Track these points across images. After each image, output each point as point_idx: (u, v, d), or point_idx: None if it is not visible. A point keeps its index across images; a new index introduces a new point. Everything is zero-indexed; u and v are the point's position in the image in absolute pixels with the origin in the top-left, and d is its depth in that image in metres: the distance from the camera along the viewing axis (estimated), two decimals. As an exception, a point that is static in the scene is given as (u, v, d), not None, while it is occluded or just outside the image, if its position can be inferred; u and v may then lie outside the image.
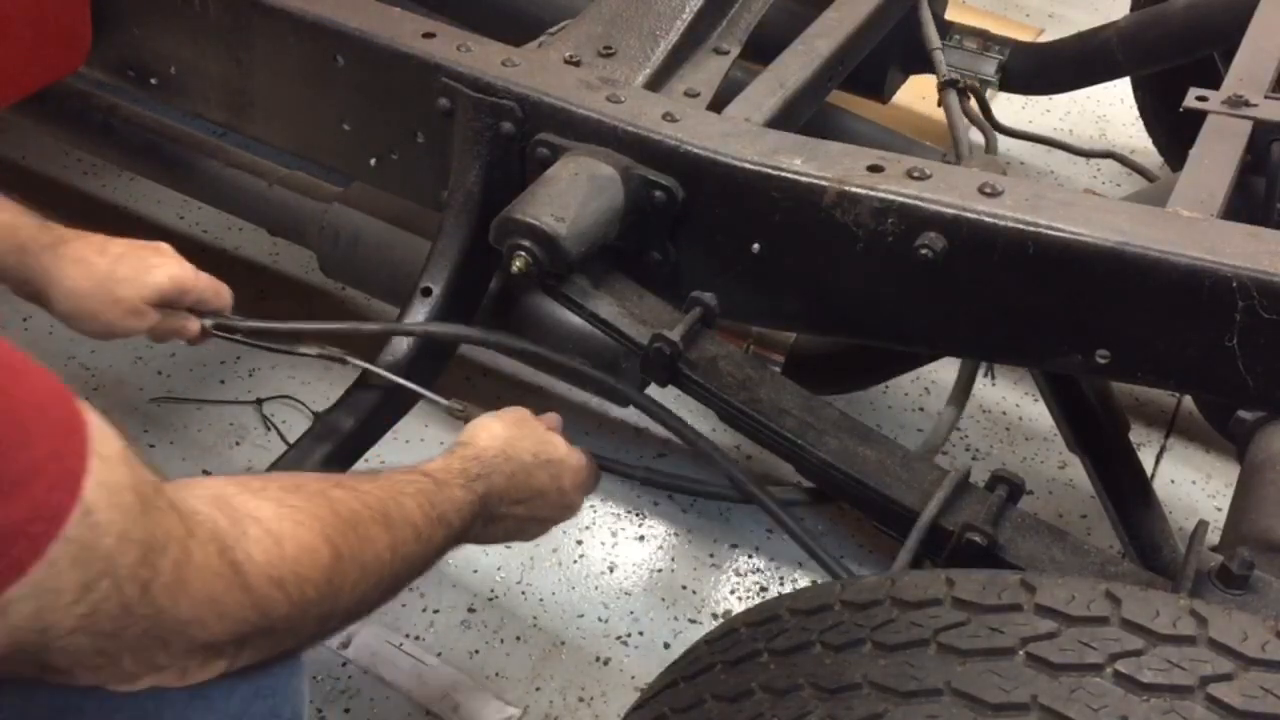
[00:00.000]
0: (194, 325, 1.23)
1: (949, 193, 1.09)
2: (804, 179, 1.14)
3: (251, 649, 0.78)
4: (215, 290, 1.24)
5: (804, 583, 1.73)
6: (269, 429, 1.90)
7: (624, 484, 1.84)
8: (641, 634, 1.65)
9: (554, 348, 1.33)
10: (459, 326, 1.32)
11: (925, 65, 1.88)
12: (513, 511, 1.10)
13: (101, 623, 0.65)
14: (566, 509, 1.19)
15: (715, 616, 1.68)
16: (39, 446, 0.60)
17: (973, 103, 1.82)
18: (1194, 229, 1.03)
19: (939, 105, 1.81)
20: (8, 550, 0.58)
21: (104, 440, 0.64)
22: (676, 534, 1.79)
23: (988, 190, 1.09)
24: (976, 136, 1.78)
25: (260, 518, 0.77)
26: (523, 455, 1.10)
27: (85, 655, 0.67)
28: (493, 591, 1.69)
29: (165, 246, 1.21)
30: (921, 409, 2.01)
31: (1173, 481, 1.92)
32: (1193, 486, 1.91)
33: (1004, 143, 2.03)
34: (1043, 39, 2.47)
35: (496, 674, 1.59)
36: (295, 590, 0.78)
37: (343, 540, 0.82)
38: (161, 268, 1.18)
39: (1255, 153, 1.29)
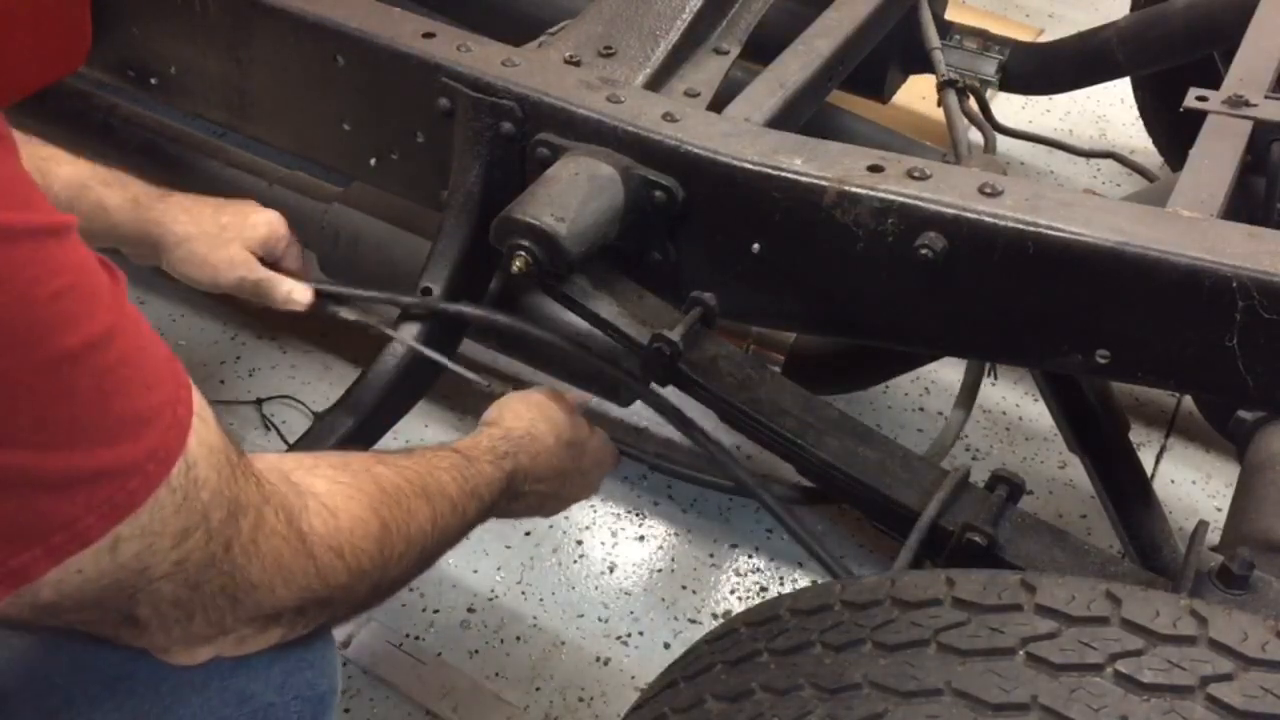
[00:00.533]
0: (303, 293, 1.28)
1: (949, 193, 1.09)
2: (804, 179, 1.14)
3: (308, 617, 0.83)
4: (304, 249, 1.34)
5: (804, 583, 1.73)
6: (269, 429, 1.90)
7: (624, 483, 1.84)
8: (641, 634, 1.65)
9: (554, 348, 1.34)
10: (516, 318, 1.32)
11: (925, 65, 1.88)
12: (535, 489, 1.15)
13: (190, 572, 0.69)
14: (586, 487, 1.26)
15: (715, 616, 1.68)
16: (161, 392, 0.66)
17: (972, 102, 1.82)
18: (1194, 229, 1.03)
19: (939, 105, 1.81)
20: (126, 484, 0.62)
21: (202, 405, 0.70)
22: (676, 534, 1.79)
23: (988, 190, 1.09)
24: (976, 136, 1.79)
25: (316, 492, 0.83)
26: (545, 437, 1.16)
27: (167, 605, 0.71)
28: (493, 591, 1.69)
29: (254, 202, 1.30)
30: (921, 409, 2.01)
31: (1173, 481, 1.92)
32: (1193, 486, 1.91)
33: (1004, 143, 2.03)
34: (1043, 39, 2.47)
35: (496, 674, 1.59)
36: (353, 559, 0.83)
37: (389, 513, 0.88)
38: (261, 214, 1.27)
39: (1255, 153, 1.29)
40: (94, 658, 0.79)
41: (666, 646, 1.64)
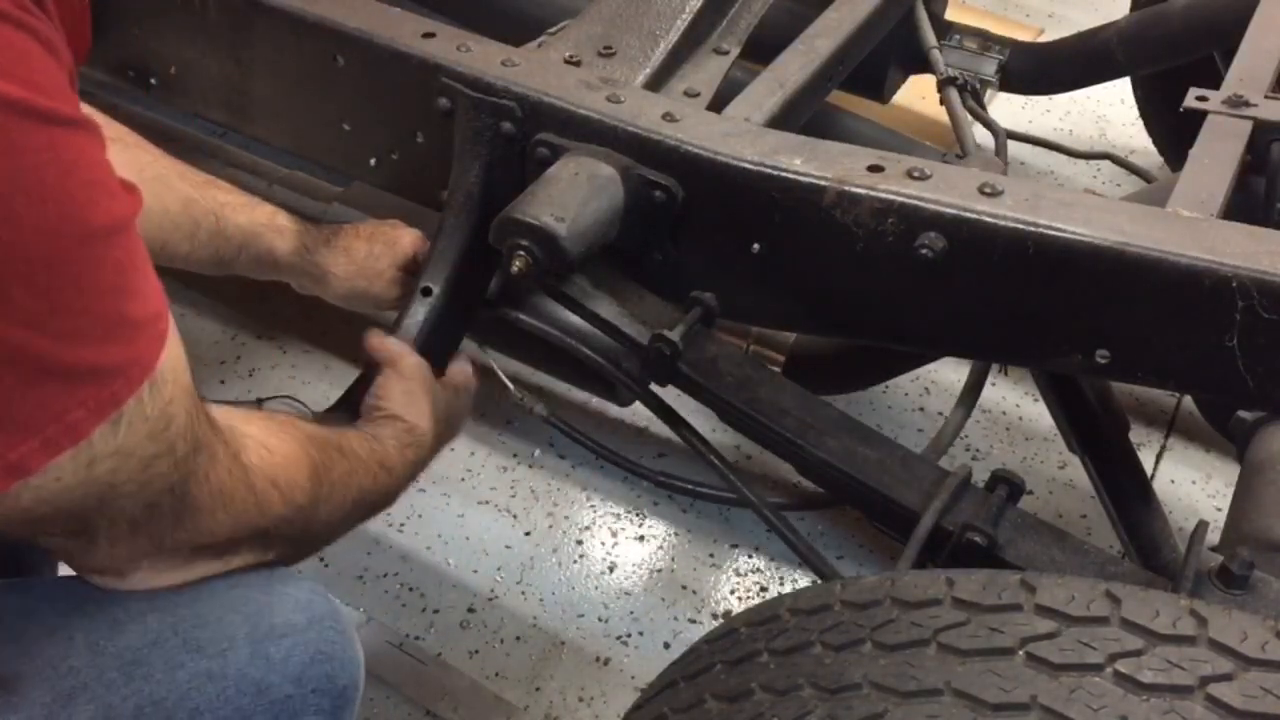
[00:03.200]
0: None
1: (949, 193, 1.09)
2: (804, 179, 1.14)
3: (242, 551, 0.89)
4: None
5: (804, 583, 1.73)
6: (269, 429, 1.90)
7: (624, 483, 1.84)
8: (641, 634, 1.65)
9: (554, 348, 1.34)
10: None
11: (925, 65, 1.88)
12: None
13: (149, 494, 0.74)
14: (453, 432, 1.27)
15: (715, 616, 1.68)
16: (151, 304, 0.70)
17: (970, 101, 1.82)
18: (1194, 229, 1.03)
19: (940, 104, 1.81)
20: (111, 383, 0.67)
21: (176, 339, 0.73)
22: (676, 534, 1.79)
23: (988, 190, 1.09)
24: (982, 135, 1.78)
25: (251, 433, 0.89)
26: (424, 431, 1.17)
27: (123, 521, 0.76)
28: (493, 591, 1.69)
29: (399, 221, 1.39)
30: (921, 409, 2.01)
31: (1173, 481, 1.91)
32: (1193, 486, 1.91)
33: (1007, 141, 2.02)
34: (1043, 39, 2.47)
35: (496, 674, 1.59)
36: (287, 491, 0.89)
37: (317, 454, 0.95)
38: (405, 234, 1.36)
39: (1255, 153, 1.29)
40: (109, 642, 0.82)
41: (666, 646, 1.64)
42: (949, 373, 2.03)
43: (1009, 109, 2.67)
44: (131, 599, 0.84)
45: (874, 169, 1.13)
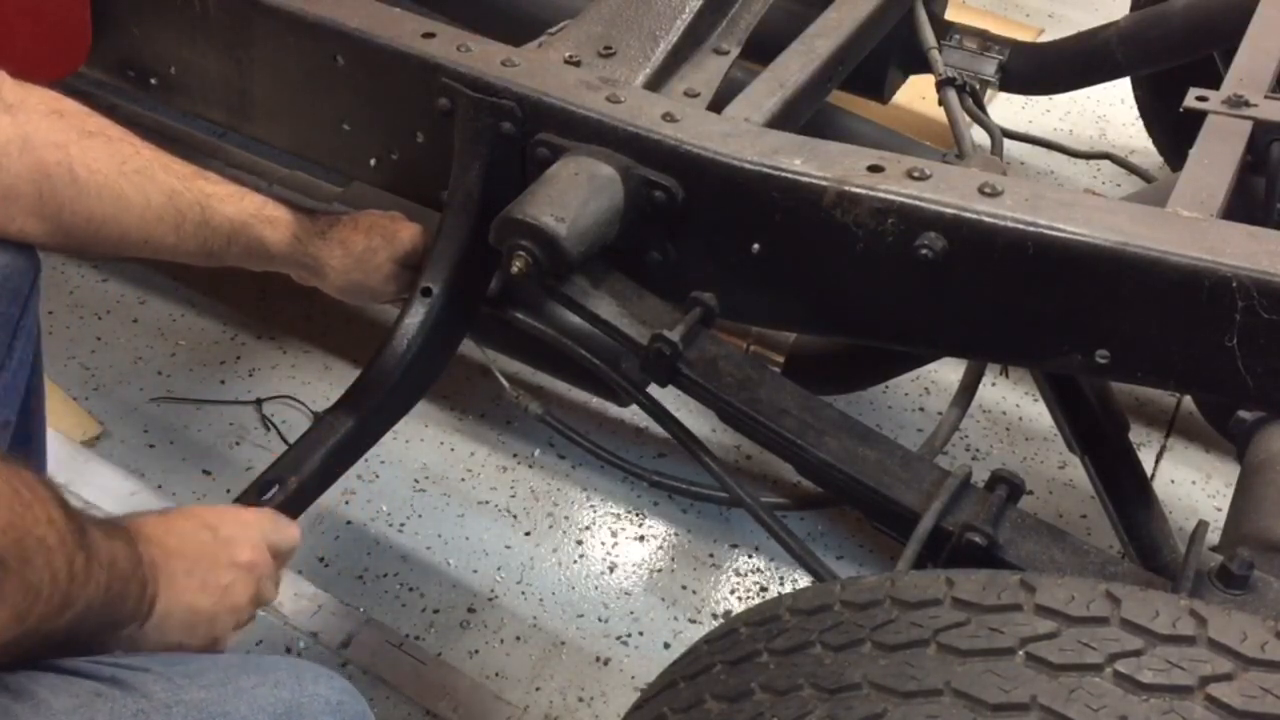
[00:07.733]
0: None
1: (949, 193, 1.09)
2: (804, 179, 1.14)
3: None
4: None
5: (804, 583, 1.73)
6: (269, 429, 1.90)
7: (624, 483, 1.84)
8: (641, 634, 1.65)
9: (552, 349, 1.34)
10: None
11: (925, 65, 1.88)
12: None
13: None
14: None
15: (715, 616, 1.68)
16: None
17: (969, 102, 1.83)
18: (1194, 229, 1.03)
19: (939, 104, 1.81)
20: None
21: None
22: (676, 534, 1.79)
23: (988, 190, 1.09)
24: (978, 135, 1.79)
25: None
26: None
27: None
28: (493, 591, 1.69)
29: (399, 215, 1.37)
30: (921, 409, 2.01)
31: (1173, 481, 1.92)
32: (1193, 486, 1.91)
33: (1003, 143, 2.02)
34: (1043, 39, 2.47)
35: (496, 674, 1.59)
36: (44, 508, 0.73)
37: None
38: (405, 228, 1.35)
39: (1255, 153, 1.29)
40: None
41: (666, 646, 1.64)
42: (949, 373, 2.03)
43: (1009, 109, 2.67)
44: (156, 689, 0.78)
45: (874, 169, 1.13)
